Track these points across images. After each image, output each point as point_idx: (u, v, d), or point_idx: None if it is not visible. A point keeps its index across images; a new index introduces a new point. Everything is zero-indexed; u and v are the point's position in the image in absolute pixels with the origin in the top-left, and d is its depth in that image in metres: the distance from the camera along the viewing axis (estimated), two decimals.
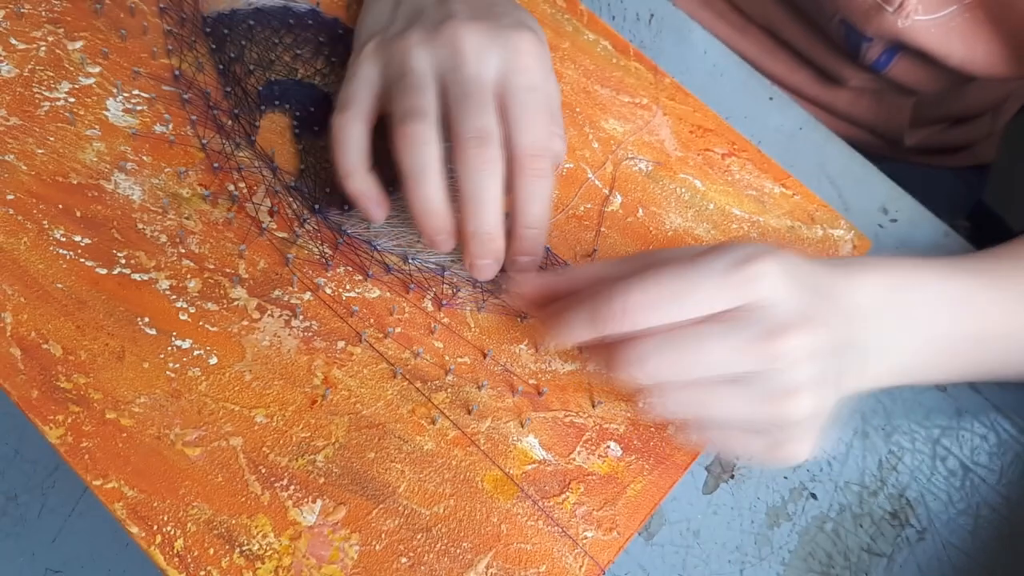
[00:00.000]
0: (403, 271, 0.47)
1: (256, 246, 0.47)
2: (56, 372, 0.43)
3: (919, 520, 0.50)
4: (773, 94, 0.61)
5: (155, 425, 0.42)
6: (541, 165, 0.44)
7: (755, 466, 0.50)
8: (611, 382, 0.46)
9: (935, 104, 0.73)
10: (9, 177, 0.46)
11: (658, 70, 0.55)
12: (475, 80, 0.44)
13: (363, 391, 0.44)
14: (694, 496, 0.50)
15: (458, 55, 0.45)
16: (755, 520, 0.49)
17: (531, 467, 0.44)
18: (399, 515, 0.42)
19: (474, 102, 0.44)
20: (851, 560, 0.49)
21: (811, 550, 0.49)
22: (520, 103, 0.45)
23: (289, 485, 0.42)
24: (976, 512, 0.51)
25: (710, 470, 0.50)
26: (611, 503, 0.44)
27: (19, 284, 0.44)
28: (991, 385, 0.53)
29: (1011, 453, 0.52)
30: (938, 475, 0.51)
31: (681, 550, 0.48)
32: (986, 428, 0.52)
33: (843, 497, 0.50)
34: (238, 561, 0.40)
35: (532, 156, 0.44)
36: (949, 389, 0.53)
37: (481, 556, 0.42)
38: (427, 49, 0.45)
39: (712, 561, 0.48)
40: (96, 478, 0.41)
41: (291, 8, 0.54)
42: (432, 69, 0.45)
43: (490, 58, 0.45)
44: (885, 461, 0.51)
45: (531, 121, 0.44)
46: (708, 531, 0.49)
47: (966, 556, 0.49)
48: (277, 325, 0.45)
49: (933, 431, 0.52)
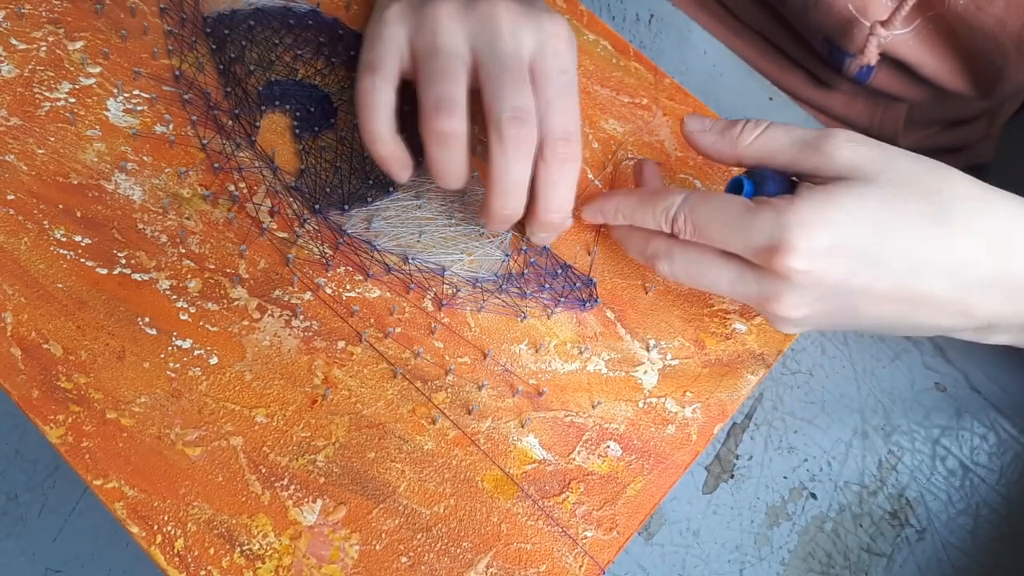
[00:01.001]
0: (403, 271, 0.47)
1: (256, 246, 0.47)
2: (57, 372, 0.43)
3: (919, 520, 0.50)
4: (773, 94, 0.61)
5: (156, 425, 0.42)
6: (571, 150, 0.44)
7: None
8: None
9: (929, 108, 0.73)
10: (10, 177, 0.46)
11: (658, 70, 0.55)
12: (513, 56, 0.44)
13: (363, 391, 0.44)
14: (694, 496, 0.50)
15: (495, 30, 0.44)
16: (755, 520, 0.49)
17: (531, 467, 0.44)
18: (399, 515, 0.42)
19: (512, 79, 0.43)
20: (851, 560, 0.49)
21: (811, 550, 0.49)
22: (555, 85, 0.44)
23: (289, 485, 0.42)
24: (976, 512, 0.51)
25: (710, 470, 0.50)
26: (611, 503, 0.44)
27: (20, 284, 0.44)
28: (991, 385, 0.54)
29: (1011, 453, 0.52)
30: (938, 475, 0.51)
31: (681, 550, 0.48)
32: (986, 428, 0.53)
33: (843, 497, 0.50)
34: (238, 561, 0.40)
35: (563, 140, 0.44)
36: (949, 389, 0.53)
37: (481, 556, 0.42)
38: (461, 22, 0.45)
39: (712, 561, 0.48)
40: (96, 478, 0.41)
41: (291, 8, 0.54)
42: (465, 44, 0.45)
43: (526, 37, 0.44)
44: (885, 461, 0.51)
45: (564, 104, 0.44)
46: (708, 531, 0.49)
47: (966, 556, 0.49)
48: (277, 325, 0.45)
49: (933, 431, 0.52)
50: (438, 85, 0.43)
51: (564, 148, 0.44)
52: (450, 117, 0.43)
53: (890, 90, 0.67)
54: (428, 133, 0.43)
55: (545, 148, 0.44)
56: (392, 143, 0.45)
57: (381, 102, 0.45)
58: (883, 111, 0.72)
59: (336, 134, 0.50)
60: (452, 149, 0.43)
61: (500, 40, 0.44)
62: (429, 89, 0.44)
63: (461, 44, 0.44)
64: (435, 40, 0.44)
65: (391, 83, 0.45)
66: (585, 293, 0.48)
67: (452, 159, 0.44)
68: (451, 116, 0.43)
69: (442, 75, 0.44)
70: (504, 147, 0.42)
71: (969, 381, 0.54)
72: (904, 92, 0.68)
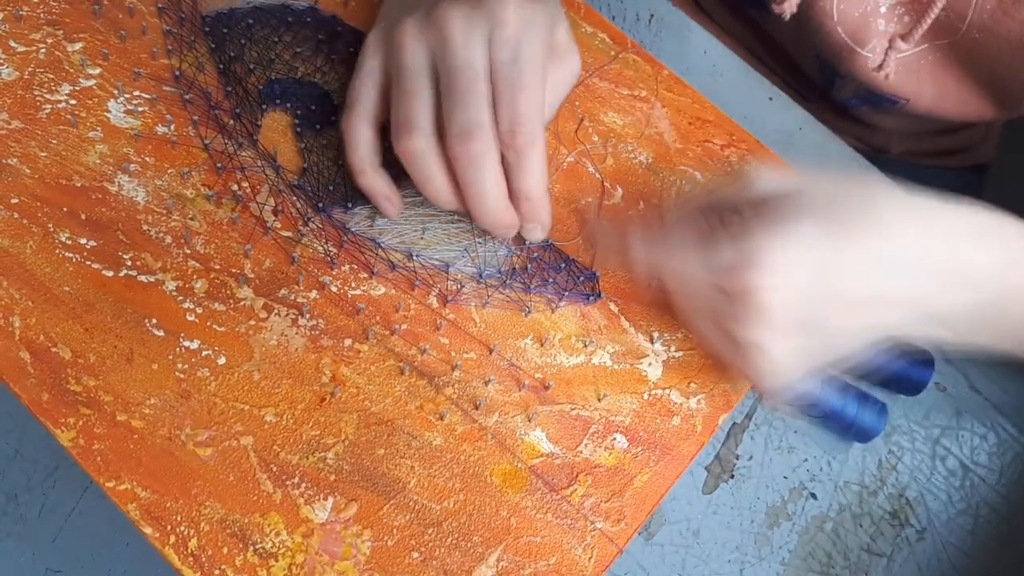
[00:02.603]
0: (408, 268, 0.47)
1: (261, 245, 0.47)
2: (66, 375, 0.43)
3: (919, 520, 0.50)
4: (773, 94, 0.61)
5: (166, 426, 0.43)
6: (520, 140, 0.44)
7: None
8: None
9: (923, 119, 0.74)
10: (13, 181, 0.46)
11: (656, 62, 0.55)
12: (462, 69, 0.44)
13: (371, 388, 0.45)
14: (694, 496, 0.50)
15: (446, 42, 0.44)
16: (755, 520, 0.50)
17: (539, 460, 0.44)
18: (410, 510, 0.43)
19: (459, 93, 0.44)
20: (851, 560, 0.49)
21: (811, 550, 0.49)
22: (501, 80, 0.44)
23: (300, 483, 0.43)
24: (976, 512, 0.51)
25: (710, 470, 0.51)
26: (618, 494, 0.44)
27: (26, 288, 0.44)
28: (991, 385, 0.54)
29: (1011, 453, 0.53)
30: (938, 475, 0.52)
31: (681, 550, 0.49)
32: (986, 428, 0.53)
33: (843, 497, 0.51)
34: (252, 559, 0.41)
35: (510, 132, 0.44)
36: (949, 389, 0.54)
37: (492, 550, 0.43)
38: (421, 39, 0.45)
39: (712, 561, 0.49)
40: (109, 480, 0.42)
41: (289, 6, 0.54)
42: (426, 61, 0.45)
43: (476, 38, 0.44)
44: (885, 461, 0.52)
45: (511, 95, 0.44)
46: (708, 531, 0.49)
47: (966, 556, 0.50)
48: (284, 324, 0.45)
49: (933, 431, 0.53)
50: (400, 106, 0.45)
51: (512, 140, 0.44)
52: (409, 137, 0.44)
53: (874, 122, 0.68)
54: (398, 153, 0.45)
55: (501, 143, 0.44)
56: (372, 176, 0.47)
57: (360, 137, 0.47)
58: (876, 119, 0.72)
59: (338, 132, 0.50)
60: (419, 166, 0.44)
61: (451, 51, 0.44)
62: (395, 111, 0.45)
63: (422, 61, 0.45)
64: (399, 61, 0.45)
65: (367, 118, 0.47)
66: (588, 287, 0.48)
67: (423, 176, 0.45)
68: (410, 136, 0.44)
69: (404, 96, 0.45)
70: (460, 165, 0.44)
71: (969, 381, 0.54)
72: (888, 125, 0.68)
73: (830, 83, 0.65)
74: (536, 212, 0.46)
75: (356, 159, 0.47)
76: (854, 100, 0.65)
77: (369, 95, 0.47)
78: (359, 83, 0.47)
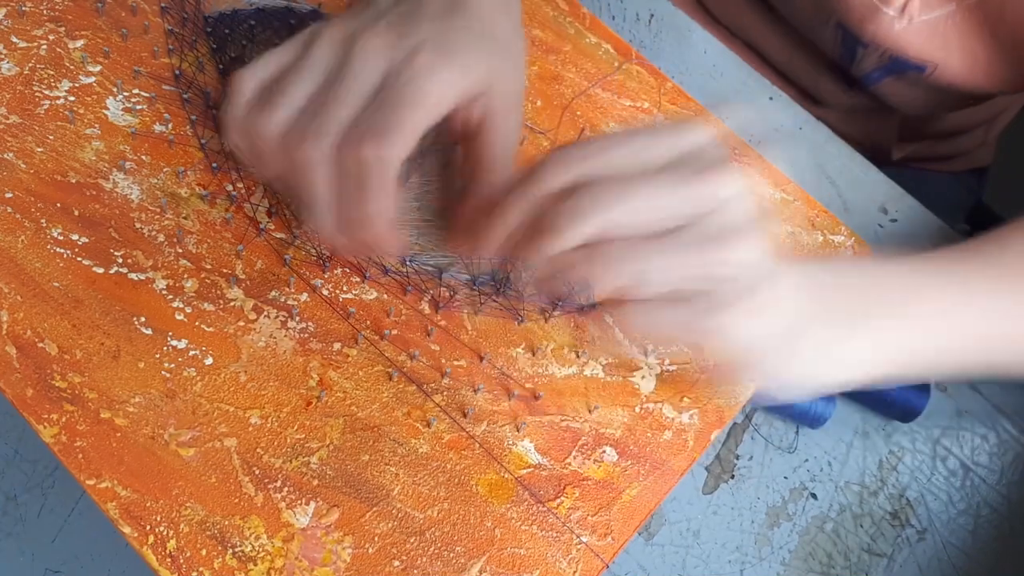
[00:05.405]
0: (400, 273, 0.47)
1: (254, 246, 0.47)
2: (51, 371, 0.43)
3: (919, 520, 0.50)
4: (773, 94, 0.61)
5: (149, 425, 0.42)
6: (365, 152, 0.38)
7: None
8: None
9: (924, 121, 0.73)
10: (8, 175, 0.46)
11: (660, 74, 0.55)
12: (352, 76, 0.40)
13: (358, 393, 0.44)
14: (694, 496, 0.49)
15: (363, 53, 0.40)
16: (755, 520, 0.49)
17: (526, 471, 0.44)
18: (393, 518, 0.42)
19: (331, 96, 0.40)
20: (851, 560, 0.49)
21: (811, 550, 0.49)
22: (382, 93, 0.40)
23: (283, 487, 0.42)
24: (976, 512, 0.50)
25: (710, 470, 0.50)
26: (606, 508, 0.43)
27: (16, 282, 0.44)
28: (991, 385, 0.53)
29: (1011, 453, 0.52)
30: (938, 475, 0.51)
31: (681, 550, 0.48)
32: (986, 428, 0.52)
33: (843, 497, 0.50)
34: (230, 562, 0.40)
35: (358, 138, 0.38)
36: (949, 389, 0.53)
37: (474, 560, 0.42)
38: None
39: (712, 561, 0.48)
40: (90, 477, 0.41)
41: (293, 9, 0.54)
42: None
43: (383, 57, 0.40)
44: (885, 461, 0.51)
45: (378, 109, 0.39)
46: (708, 531, 0.49)
47: (966, 556, 0.49)
48: (273, 326, 0.45)
49: (933, 431, 0.52)
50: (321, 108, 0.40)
51: (356, 148, 0.38)
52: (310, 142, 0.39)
53: (895, 100, 0.66)
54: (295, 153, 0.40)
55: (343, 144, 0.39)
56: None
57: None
58: (876, 125, 0.72)
59: None
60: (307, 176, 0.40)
61: (352, 60, 0.40)
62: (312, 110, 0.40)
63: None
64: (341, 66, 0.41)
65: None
66: (583, 297, 0.48)
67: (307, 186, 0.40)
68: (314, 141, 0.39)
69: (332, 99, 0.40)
70: (293, 170, 0.40)
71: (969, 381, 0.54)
72: (908, 102, 0.66)
73: (851, 55, 0.63)
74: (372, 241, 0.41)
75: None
76: (875, 74, 0.63)
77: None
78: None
